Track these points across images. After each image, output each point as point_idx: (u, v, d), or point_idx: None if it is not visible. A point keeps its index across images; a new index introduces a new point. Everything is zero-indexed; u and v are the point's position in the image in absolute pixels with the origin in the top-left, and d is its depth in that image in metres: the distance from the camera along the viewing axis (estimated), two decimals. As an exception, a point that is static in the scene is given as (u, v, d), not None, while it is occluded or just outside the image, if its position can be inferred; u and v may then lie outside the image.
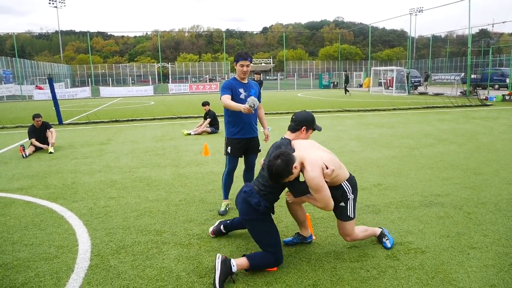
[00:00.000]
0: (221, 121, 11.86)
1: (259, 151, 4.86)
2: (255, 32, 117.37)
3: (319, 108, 18.78)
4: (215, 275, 2.97)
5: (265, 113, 16.16)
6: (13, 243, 3.97)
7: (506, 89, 28.22)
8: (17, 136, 11.77)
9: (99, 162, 7.85)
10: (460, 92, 26.61)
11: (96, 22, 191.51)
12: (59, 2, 68.66)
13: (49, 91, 34.09)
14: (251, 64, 4.62)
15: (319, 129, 3.69)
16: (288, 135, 3.55)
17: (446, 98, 23.24)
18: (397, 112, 16.56)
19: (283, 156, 3.01)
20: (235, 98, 4.51)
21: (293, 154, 3.13)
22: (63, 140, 10.66)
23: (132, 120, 15.30)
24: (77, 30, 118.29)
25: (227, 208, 4.80)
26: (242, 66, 4.49)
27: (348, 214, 3.40)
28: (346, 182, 3.38)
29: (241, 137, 4.65)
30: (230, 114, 4.61)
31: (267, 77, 71.10)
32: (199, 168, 7.08)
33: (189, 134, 11.24)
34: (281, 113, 16.84)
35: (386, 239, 3.70)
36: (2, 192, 5.85)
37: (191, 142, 9.96)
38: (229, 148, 4.68)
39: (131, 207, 5.00)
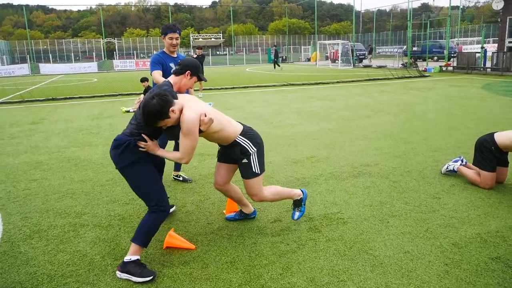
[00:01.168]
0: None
1: None
2: (204, 7, 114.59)
3: (264, 82, 18.72)
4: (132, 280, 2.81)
5: (210, 89, 15.96)
6: None
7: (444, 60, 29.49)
8: None
9: (26, 142, 7.37)
10: (401, 65, 27.49)
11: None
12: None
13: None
14: (201, 39, 4.44)
15: (205, 80, 3.59)
16: (171, 78, 3.27)
17: (388, 70, 23.92)
18: (340, 85, 16.83)
19: (159, 96, 2.75)
20: (166, 73, 4.33)
21: (174, 100, 2.88)
22: (-11, 121, 9.93)
23: (70, 98, 14.54)
24: (15, 3, 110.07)
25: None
26: (171, 39, 4.33)
27: (253, 170, 3.21)
28: (241, 137, 3.19)
29: None
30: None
31: (217, 52, 69.94)
32: (133, 147, 6.83)
33: (128, 111, 10.83)
34: (225, 88, 16.61)
35: (298, 210, 3.55)
36: None
37: (128, 120, 9.57)
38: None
39: (53, 189, 4.72)
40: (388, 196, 4.25)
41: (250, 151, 3.19)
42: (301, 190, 3.60)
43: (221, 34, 76.28)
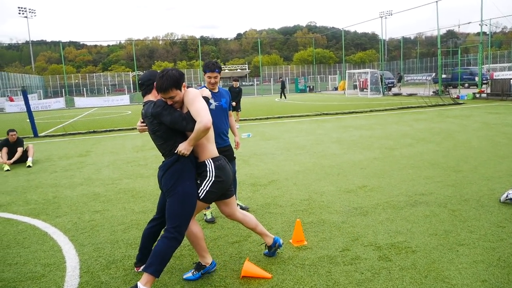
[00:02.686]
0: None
1: (235, 158, 4.88)
2: (229, 39, 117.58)
3: (298, 112, 18.90)
4: None
5: (244, 119, 16.24)
6: (-4, 263, 3.81)
7: (475, 87, 29.12)
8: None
9: (79, 175, 7.68)
10: (432, 92, 27.30)
11: (68, 31, 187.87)
12: (29, 11, 67.19)
13: (20, 102, 33.55)
14: (227, 70, 4.64)
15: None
16: (147, 98, 3.27)
17: (420, 98, 23.79)
18: (374, 114, 16.85)
19: (176, 69, 3.02)
20: None
21: None
22: (40, 153, 10.37)
23: (110, 131, 15.06)
24: (48, 40, 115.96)
25: (213, 215, 4.82)
26: (209, 78, 4.48)
27: (198, 191, 3.14)
28: (211, 160, 3.18)
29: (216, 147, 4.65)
30: None
31: (243, 83, 71.29)
32: (184, 177, 7.02)
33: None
34: (260, 119, 16.88)
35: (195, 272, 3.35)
36: (-20, 211, 5.65)
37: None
38: None
39: (117, 220, 4.91)
40: (450, 225, 4.24)
41: (209, 177, 3.14)
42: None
43: (246, 65, 77.89)
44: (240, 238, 4.15)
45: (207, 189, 3.14)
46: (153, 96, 3.23)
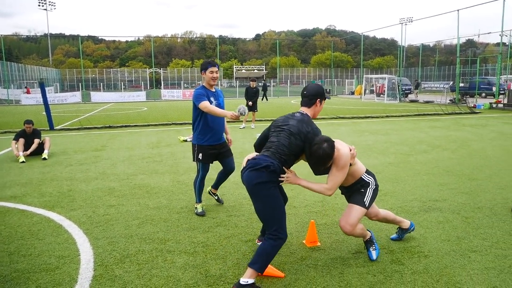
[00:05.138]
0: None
1: (232, 154, 5.12)
2: (247, 39, 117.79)
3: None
4: None
5: (261, 120, 16.26)
6: (10, 254, 3.86)
7: (492, 97, 28.72)
8: (5, 142, 11.40)
9: (95, 169, 7.80)
10: (449, 100, 27.00)
11: (87, 25, 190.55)
12: (49, 4, 68.10)
13: (37, 95, 34.05)
14: (244, 70, 4.78)
15: (329, 98, 3.73)
16: (305, 110, 3.42)
17: (437, 105, 23.55)
18: (390, 119, 16.75)
19: (328, 142, 3.07)
20: None
21: None
22: (55, 146, 10.52)
23: (126, 126, 15.25)
24: (67, 33, 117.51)
25: (204, 209, 5.02)
26: (211, 72, 4.65)
27: (364, 200, 3.45)
28: (366, 174, 3.53)
29: (213, 144, 4.84)
30: (205, 121, 4.74)
31: (260, 84, 71.42)
32: (198, 175, 7.09)
33: (185, 140, 11.24)
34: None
35: (373, 249, 3.62)
36: (-2, 200, 5.77)
37: (188, 149, 9.95)
38: (200, 155, 4.82)
39: (132, 215, 4.99)
40: (463, 231, 4.23)
41: (371, 184, 3.51)
42: (368, 231, 3.72)
43: (263, 66, 77.93)
44: (253, 236, 4.19)
45: (371, 195, 3.49)
46: (312, 112, 3.44)
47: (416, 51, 65.70)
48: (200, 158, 4.81)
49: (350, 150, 3.25)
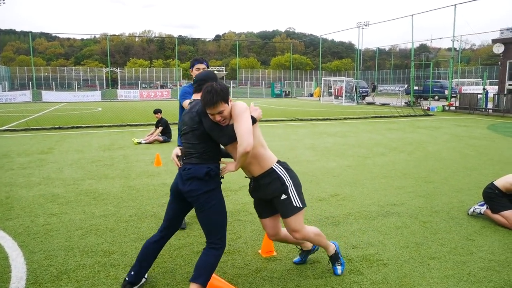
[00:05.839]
0: (174, 129, 11.49)
1: None
2: (207, 40, 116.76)
3: (272, 117, 18.79)
4: None
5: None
6: None
7: (445, 100, 29.90)
8: None
9: (39, 173, 7.24)
10: (404, 103, 27.80)
11: (40, 22, 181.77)
12: (-3, -1, 64.54)
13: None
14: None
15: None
16: (196, 96, 3.10)
17: (393, 108, 24.15)
18: (348, 122, 16.92)
19: (219, 84, 2.82)
20: None
21: None
22: (-1, 149, 9.80)
23: (77, 127, 14.49)
24: (18, 29, 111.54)
25: (185, 221, 4.52)
26: (198, 69, 4.37)
27: (294, 204, 2.98)
28: (277, 164, 3.03)
29: None
30: None
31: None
32: (151, 180, 6.72)
33: (140, 143, 10.77)
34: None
35: (338, 264, 3.35)
36: None
37: (141, 152, 9.51)
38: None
39: (75, 225, 4.58)
40: (422, 237, 4.16)
41: (287, 183, 2.98)
42: (333, 243, 3.44)
43: (223, 67, 77.52)
44: (205, 246, 3.91)
45: (295, 193, 3.01)
46: (198, 97, 3.09)
47: (373, 54, 67.69)
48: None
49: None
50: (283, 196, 2.97)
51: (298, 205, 2.99)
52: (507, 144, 10.62)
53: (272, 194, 3.01)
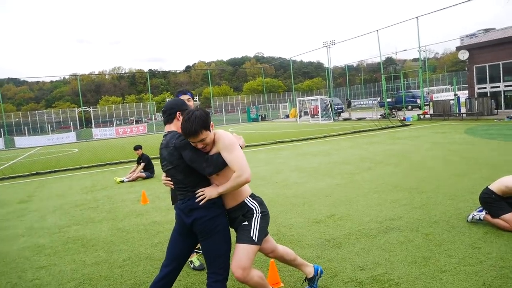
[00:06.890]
0: (156, 163, 11.25)
1: None
2: (178, 71, 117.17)
3: (253, 141, 18.75)
4: None
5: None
6: None
7: (418, 109, 30.59)
8: None
9: (20, 224, 6.90)
10: (380, 115, 28.28)
11: (6, 67, 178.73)
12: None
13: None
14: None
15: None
16: (168, 128, 2.97)
17: (370, 121, 24.51)
18: (328, 139, 17.01)
19: (201, 109, 2.74)
20: None
21: None
22: (-26, 202, 9.35)
23: (55, 171, 14.06)
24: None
25: (200, 261, 4.26)
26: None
27: (251, 235, 2.83)
28: (250, 198, 2.96)
29: None
30: None
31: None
32: (140, 219, 6.48)
33: (122, 181, 10.49)
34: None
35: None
36: None
37: (126, 190, 9.25)
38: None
39: (66, 276, 4.32)
40: (427, 250, 4.08)
41: (254, 212, 2.90)
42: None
43: (197, 97, 77.60)
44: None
45: (258, 226, 2.88)
46: (175, 127, 2.96)
47: (342, 71, 69.19)
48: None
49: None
50: (245, 222, 2.90)
51: (253, 238, 2.84)
52: (488, 146, 10.82)
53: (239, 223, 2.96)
